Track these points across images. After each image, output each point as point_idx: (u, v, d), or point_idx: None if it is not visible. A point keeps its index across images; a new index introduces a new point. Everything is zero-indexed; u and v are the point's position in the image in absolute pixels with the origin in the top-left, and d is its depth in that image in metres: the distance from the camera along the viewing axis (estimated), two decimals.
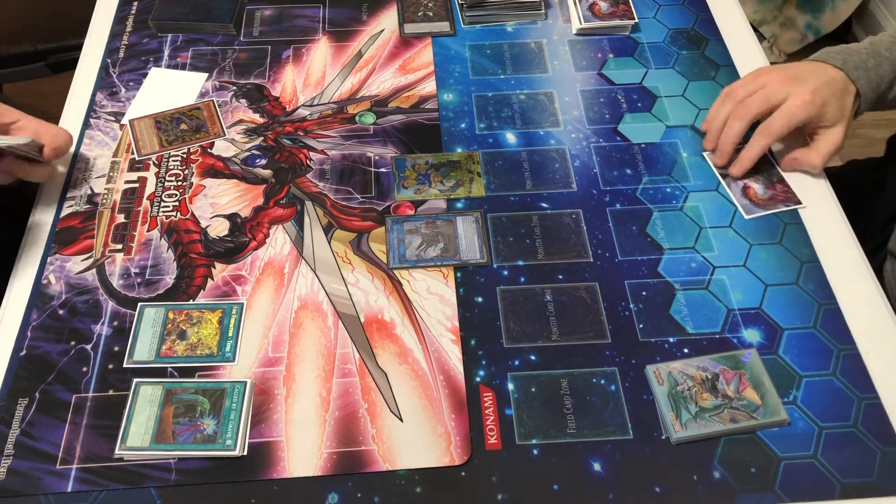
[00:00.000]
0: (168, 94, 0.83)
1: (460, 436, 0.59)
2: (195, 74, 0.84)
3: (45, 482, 0.57)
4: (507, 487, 0.57)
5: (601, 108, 0.82)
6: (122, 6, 0.93)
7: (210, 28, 0.89)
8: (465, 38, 0.90)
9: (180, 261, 0.69)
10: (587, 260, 0.69)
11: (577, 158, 0.78)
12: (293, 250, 0.70)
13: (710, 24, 0.91)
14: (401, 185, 0.75)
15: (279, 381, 0.62)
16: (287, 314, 0.66)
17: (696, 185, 0.75)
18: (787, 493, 0.56)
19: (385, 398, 0.61)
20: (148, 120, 0.79)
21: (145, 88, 0.83)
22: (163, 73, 0.85)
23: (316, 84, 0.85)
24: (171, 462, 0.58)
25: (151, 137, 0.78)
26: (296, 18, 0.92)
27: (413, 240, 0.71)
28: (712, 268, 0.69)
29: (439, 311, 0.66)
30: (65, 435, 0.59)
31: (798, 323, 0.65)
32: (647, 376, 0.62)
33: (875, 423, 0.60)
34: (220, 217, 0.73)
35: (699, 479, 0.57)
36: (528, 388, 0.62)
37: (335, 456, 0.58)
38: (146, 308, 0.66)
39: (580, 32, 0.90)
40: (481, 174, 0.76)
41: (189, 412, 0.59)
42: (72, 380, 0.62)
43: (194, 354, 0.63)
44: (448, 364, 0.63)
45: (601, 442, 0.59)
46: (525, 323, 0.65)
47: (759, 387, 0.61)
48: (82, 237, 0.71)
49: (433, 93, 0.83)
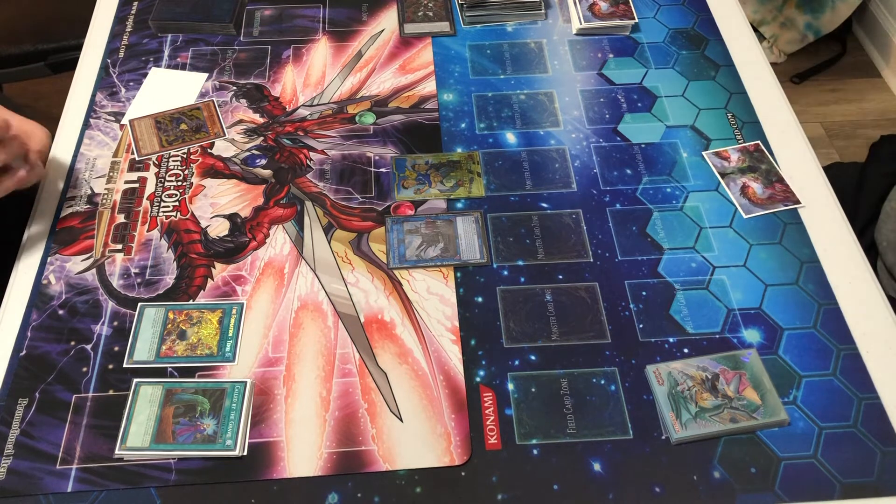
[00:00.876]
0: (168, 94, 0.83)
1: (460, 436, 0.59)
2: (195, 74, 0.84)
3: (45, 482, 0.57)
4: (507, 487, 0.57)
5: (601, 108, 0.82)
6: (122, 6, 0.93)
7: (210, 28, 0.89)
8: (465, 38, 0.90)
9: (180, 261, 0.69)
10: (587, 260, 0.69)
11: (577, 158, 0.78)
12: (293, 250, 0.70)
13: (710, 24, 0.91)
14: (401, 185, 0.75)
15: (279, 381, 0.62)
16: (287, 314, 0.66)
17: (696, 185, 0.75)
18: (787, 493, 0.56)
19: (385, 398, 0.61)
20: (148, 120, 0.79)
21: (145, 88, 0.83)
22: (163, 73, 0.85)
23: (316, 84, 0.85)
24: (171, 462, 0.58)
25: (151, 137, 0.78)
26: (296, 18, 0.92)
27: (413, 240, 0.71)
28: (712, 268, 0.69)
29: (439, 311, 0.66)
30: (65, 435, 0.59)
31: (798, 323, 0.65)
32: (647, 376, 0.62)
33: (875, 423, 0.60)
34: (220, 217, 0.73)
35: (699, 479, 0.57)
36: (528, 388, 0.62)
37: (335, 456, 0.58)
38: (146, 308, 0.66)
39: (580, 32, 0.90)
40: (481, 174, 0.76)
41: (189, 412, 0.59)
42: (72, 380, 0.62)
43: (194, 354, 0.63)
44: (448, 364, 0.63)
45: (601, 442, 0.59)
46: (525, 323, 0.65)
47: (759, 387, 0.61)
48: (82, 237, 0.71)
49: (433, 93, 0.83)
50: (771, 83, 0.85)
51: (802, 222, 0.72)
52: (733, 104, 0.82)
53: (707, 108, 0.82)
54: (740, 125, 0.80)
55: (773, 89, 0.84)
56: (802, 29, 1.91)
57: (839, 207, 0.74)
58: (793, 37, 1.93)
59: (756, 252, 0.70)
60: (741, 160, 0.77)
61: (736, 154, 0.77)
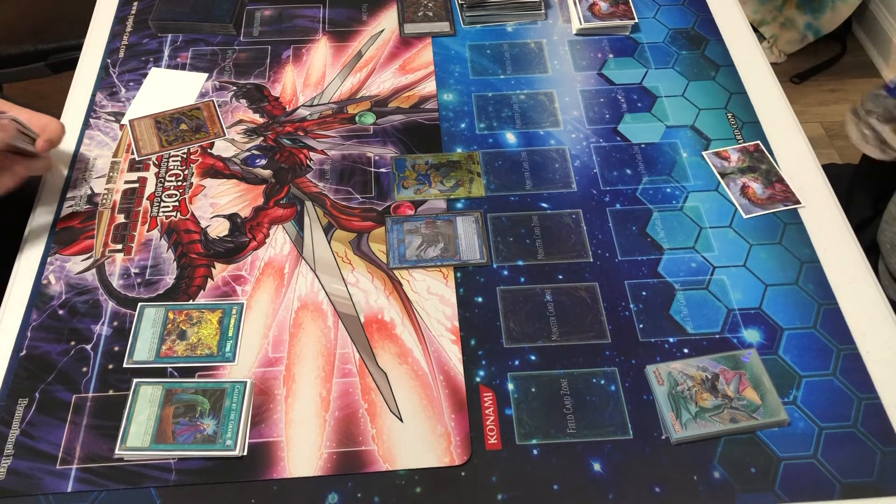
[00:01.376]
0: (168, 95, 0.83)
1: (460, 436, 0.59)
2: (195, 74, 0.84)
3: (45, 482, 0.57)
4: (507, 487, 0.57)
5: (601, 108, 0.82)
6: (122, 6, 0.93)
7: (210, 28, 0.89)
8: (465, 38, 0.90)
9: (180, 261, 0.69)
10: (587, 260, 0.69)
11: (577, 158, 0.78)
12: (293, 250, 0.70)
13: (710, 24, 0.91)
14: (401, 185, 0.75)
15: (279, 381, 0.62)
16: (287, 314, 0.66)
17: (695, 185, 0.75)
18: (787, 493, 0.56)
19: (385, 398, 0.61)
20: (148, 120, 0.79)
21: (145, 89, 0.83)
22: (163, 74, 0.85)
23: (316, 84, 0.85)
24: (171, 462, 0.58)
25: (151, 137, 0.78)
26: (296, 18, 0.92)
27: (413, 240, 0.71)
28: (712, 268, 0.69)
29: (439, 311, 0.66)
30: (65, 435, 0.59)
31: (798, 323, 0.65)
32: (647, 376, 0.62)
33: (875, 423, 0.60)
34: (220, 217, 0.73)
35: (699, 479, 0.57)
36: (528, 388, 0.62)
37: (335, 456, 0.58)
38: (146, 308, 0.66)
39: (580, 32, 0.90)
40: (481, 174, 0.76)
41: (189, 412, 0.59)
42: (72, 380, 0.62)
43: (194, 354, 0.63)
44: (448, 364, 0.63)
45: (601, 442, 0.59)
46: (525, 323, 0.65)
47: (759, 387, 0.61)
48: (82, 237, 0.71)
49: (433, 93, 0.83)
50: (771, 83, 0.85)
51: (802, 222, 0.72)
52: (733, 104, 0.82)
53: (707, 108, 0.82)
54: (740, 125, 0.80)
55: (773, 89, 0.84)
56: (802, 29, 1.91)
57: (839, 207, 0.74)
58: (793, 37, 1.93)
59: (756, 252, 0.70)
60: (741, 160, 0.77)
61: (736, 154, 0.77)
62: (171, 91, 0.83)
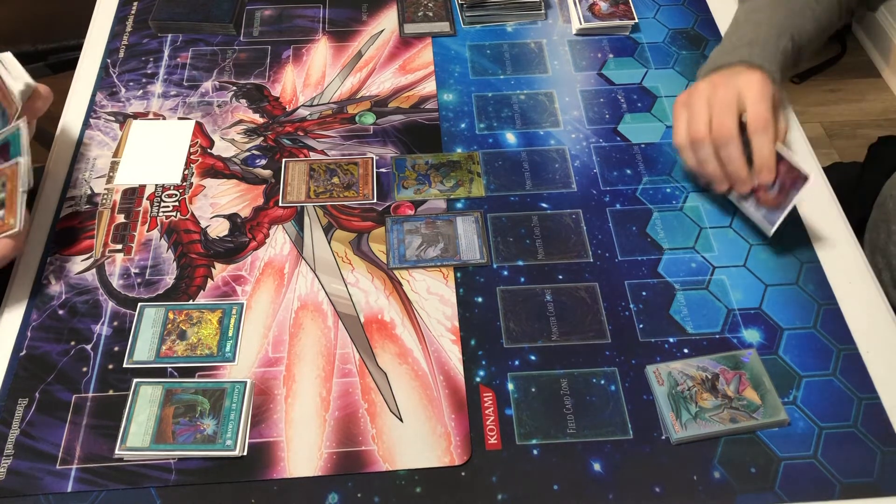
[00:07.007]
0: (157, 145, 0.78)
1: (460, 436, 0.59)
2: (182, 123, 0.80)
3: (45, 482, 0.57)
4: (507, 487, 0.57)
5: (601, 108, 0.82)
6: (122, 6, 0.93)
7: (210, 28, 0.89)
8: (465, 39, 0.90)
9: (180, 261, 0.69)
10: (587, 260, 0.69)
11: (577, 158, 0.78)
12: (293, 250, 0.70)
13: (710, 24, 0.91)
14: (401, 186, 0.75)
15: (279, 381, 0.62)
16: (287, 314, 0.66)
17: (695, 185, 0.75)
18: (787, 493, 0.56)
19: (385, 398, 0.61)
20: (303, 165, 0.75)
21: (131, 143, 0.78)
22: (145, 126, 0.80)
23: (316, 84, 0.85)
24: (171, 462, 0.58)
25: (301, 185, 0.74)
26: (296, 18, 0.92)
27: (413, 240, 0.71)
28: (712, 268, 0.69)
29: (439, 312, 0.66)
30: (65, 435, 0.59)
31: (798, 323, 0.65)
32: (647, 376, 0.62)
33: (875, 423, 0.60)
34: (220, 217, 0.73)
35: (699, 479, 0.57)
36: (528, 388, 0.62)
37: (335, 456, 0.58)
38: (146, 308, 0.66)
39: (580, 32, 0.90)
40: (481, 174, 0.76)
41: (189, 412, 0.59)
42: (72, 380, 0.62)
43: (194, 354, 0.63)
44: (448, 364, 0.63)
45: (601, 442, 0.59)
46: (525, 323, 0.65)
47: (759, 387, 0.61)
48: (82, 237, 0.71)
49: (433, 93, 0.83)
50: None
51: (802, 222, 0.72)
52: None
53: None
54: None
55: None
56: None
57: (839, 207, 0.74)
58: None
59: (756, 252, 0.70)
60: None
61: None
62: (159, 141, 0.78)
